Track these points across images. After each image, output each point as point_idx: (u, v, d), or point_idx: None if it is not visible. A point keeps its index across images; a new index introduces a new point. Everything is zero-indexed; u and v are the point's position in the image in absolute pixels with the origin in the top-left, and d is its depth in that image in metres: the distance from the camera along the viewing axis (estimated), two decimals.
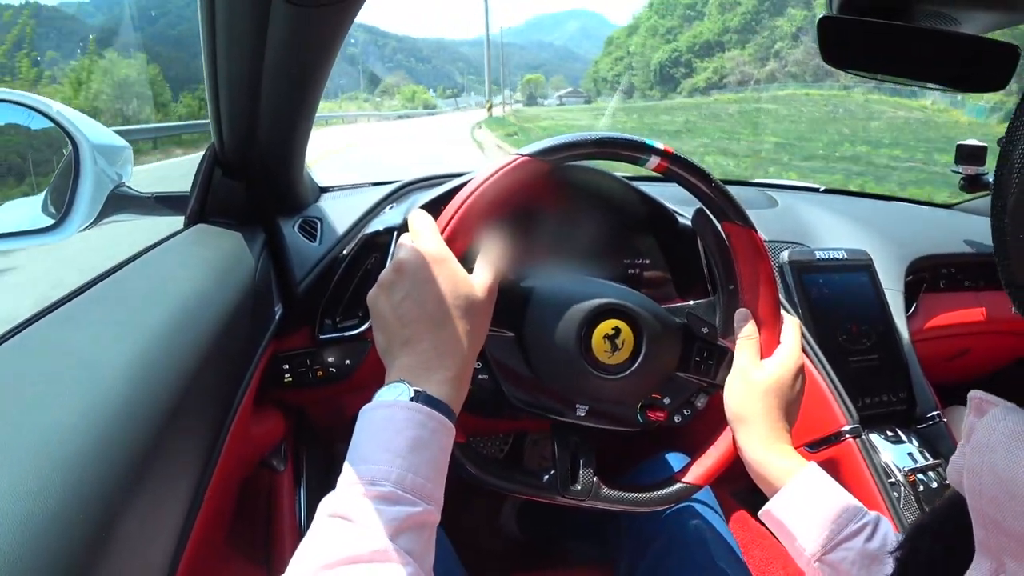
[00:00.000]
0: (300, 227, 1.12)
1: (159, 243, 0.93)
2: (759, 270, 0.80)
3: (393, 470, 0.55)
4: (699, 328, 0.83)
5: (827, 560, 0.68)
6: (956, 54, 0.73)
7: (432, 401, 0.60)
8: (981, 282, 1.52)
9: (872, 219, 1.52)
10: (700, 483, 0.82)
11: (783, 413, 0.77)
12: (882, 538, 0.67)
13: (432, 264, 0.65)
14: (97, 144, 0.95)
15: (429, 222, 0.69)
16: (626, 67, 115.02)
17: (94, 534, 0.44)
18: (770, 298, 0.81)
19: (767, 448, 0.75)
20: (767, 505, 0.74)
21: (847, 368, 1.20)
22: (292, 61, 0.80)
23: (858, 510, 0.69)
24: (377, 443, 0.57)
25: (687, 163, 0.77)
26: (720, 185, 0.79)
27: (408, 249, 0.66)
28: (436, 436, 0.59)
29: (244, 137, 0.94)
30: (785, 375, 0.77)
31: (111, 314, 0.69)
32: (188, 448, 0.66)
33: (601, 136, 0.74)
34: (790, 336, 0.81)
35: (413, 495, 0.55)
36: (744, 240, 0.80)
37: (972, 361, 1.58)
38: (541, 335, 0.77)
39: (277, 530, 1.10)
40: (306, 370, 1.07)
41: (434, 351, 0.63)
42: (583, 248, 1.09)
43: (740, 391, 0.78)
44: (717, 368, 0.83)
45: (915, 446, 1.12)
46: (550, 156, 0.73)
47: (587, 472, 0.80)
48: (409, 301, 0.64)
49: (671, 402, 0.84)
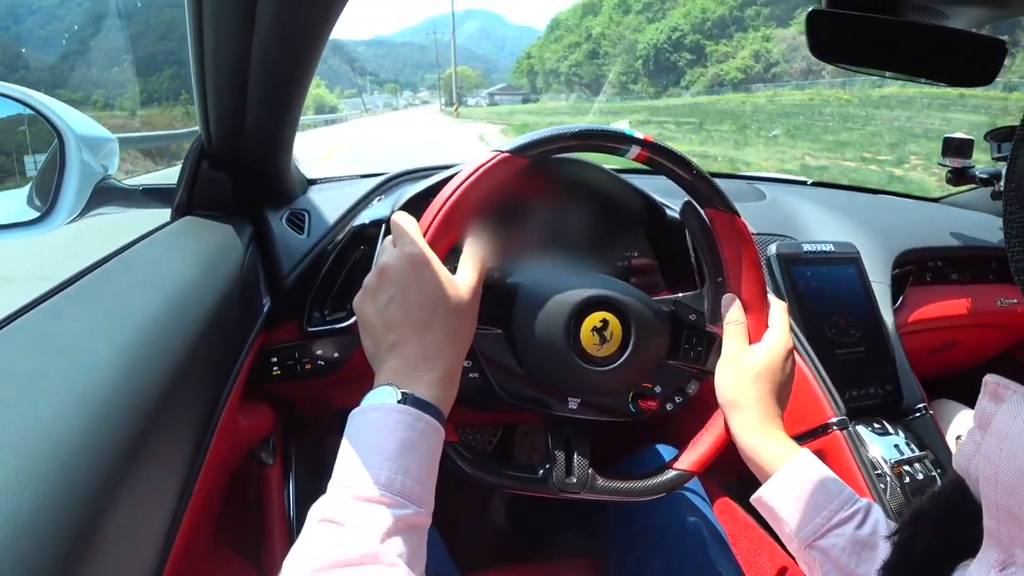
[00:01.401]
0: (288, 219, 1.11)
1: (146, 235, 0.92)
2: (744, 255, 0.80)
3: (382, 473, 0.55)
4: (687, 315, 0.83)
5: (817, 546, 0.68)
6: (944, 48, 0.74)
7: (420, 403, 0.61)
8: (967, 275, 1.53)
9: (860, 212, 1.53)
10: (694, 470, 0.82)
11: (774, 397, 0.77)
12: (873, 525, 0.67)
13: (415, 267, 0.65)
14: (82, 135, 0.94)
15: (411, 224, 0.69)
16: (587, 55, 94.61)
17: (81, 528, 0.44)
18: (756, 283, 0.81)
19: (760, 433, 0.76)
20: (759, 491, 0.75)
21: (834, 360, 1.20)
22: (279, 52, 0.79)
23: (849, 497, 0.70)
24: (366, 446, 0.57)
25: (668, 151, 0.77)
26: (701, 172, 0.78)
27: (391, 253, 0.66)
28: (425, 438, 0.60)
29: (231, 129, 0.94)
30: (775, 359, 0.78)
31: (98, 307, 0.68)
32: (176, 441, 0.66)
33: (580, 129, 0.74)
34: (778, 319, 0.81)
35: (402, 497, 0.55)
36: (728, 226, 0.80)
37: (958, 354, 1.59)
38: (529, 331, 0.77)
39: (266, 523, 1.10)
40: (295, 363, 1.07)
41: (421, 354, 0.64)
42: (572, 241, 1.09)
43: (731, 377, 0.78)
44: (707, 354, 0.83)
45: (901, 438, 1.12)
46: (529, 151, 0.72)
47: (582, 464, 0.80)
48: (394, 305, 0.64)
49: (662, 390, 0.84)
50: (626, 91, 78.06)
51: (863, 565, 0.65)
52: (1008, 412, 0.40)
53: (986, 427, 0.41)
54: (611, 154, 0.78)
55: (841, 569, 0.66)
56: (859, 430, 1.12)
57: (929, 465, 1.08)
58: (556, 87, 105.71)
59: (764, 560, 1.10)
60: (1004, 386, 0.42)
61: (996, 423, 0.40)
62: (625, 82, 79.64)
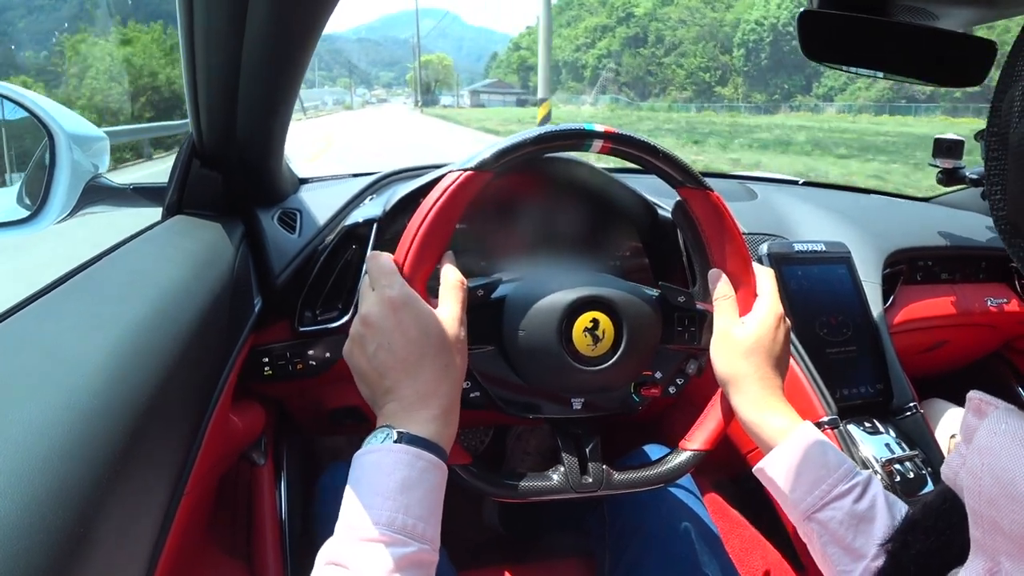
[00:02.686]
0: (279, 218, 1.11)
1: (137, 235, 0.92)
2: (723, 228, 0.80)
3: (384, 513, 0.56)
4: (675, 298, 0.82)
5: (816, 518, 0.69)
6: (934, 49, 0.74)
7: (418, 440, 0.61)
8: (958, 275, 1.54)
9: (851, 212, 1.53)
10: (706, 448, 0.82)
11: (772, 368, 0.77)
12: (871, 499, 0.68)
13: (397, 310, 0.65)
14: (73, 134, 0.94)
15: (387, 263, 0.68)
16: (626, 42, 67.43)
17: (72, 529, 0.44)
18: (739, 254, 0.81)
19: (760, 408, 0.76)
20: (760, 462, 0.75)
21: (825, 360, 1.21)
22: (270, 51, 0.79)
23: (849, 470, 0.70)
24: (367, 488, 0.58)
25: (630, 139, 0.77)
26: (669, 153, 0.78)
27: (371, 299, 0.67)
28: (425, 475, 0.60)
29: (223, 128, 0.94)
30: (767, 328, 0.77)
31: (88, 307, 0.68)
32: (167, 442, 0.65)
33: (539, 133, 0.74)
34: (766, 287, 0.81)
35: (404, 535, 0.56)
36: (702, 202, 0.79)
37: (949, 353, 1.60)
38: (522, 342, 0.77)
39: (258, 523, 1.10)
40: (286, 363, 1.07)
41: (416, 395, 0.64)
42: (564, 241, 1.09)
43: (725, 352, 0.78)
44: (700, 333, 0.83)
45: (892, 437, 1.13)
46: (492, 165, 0.72)
47: (595, 463, 0.79)
48: (382, 351, 0.64)
49: (662, 376, 0.84)
50: (704, 96, 52.40)
51: (860, 538, 0.66)
52: (989, 428, 0.41)
53: (970, 441, 0.42)
54: (575, 151, 0.78)
55: (839, 541, 0.67)
56: (850, 429, 1.12)
57: (919, 464, 1.09)
58: (572, 85, 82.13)
59: (756, 559, 1.11)
60: (987, 402, 0.43)
61: (978, 438, 0.41)
62: (705, 83, 53.94)
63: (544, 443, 1.72)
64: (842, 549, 0.67)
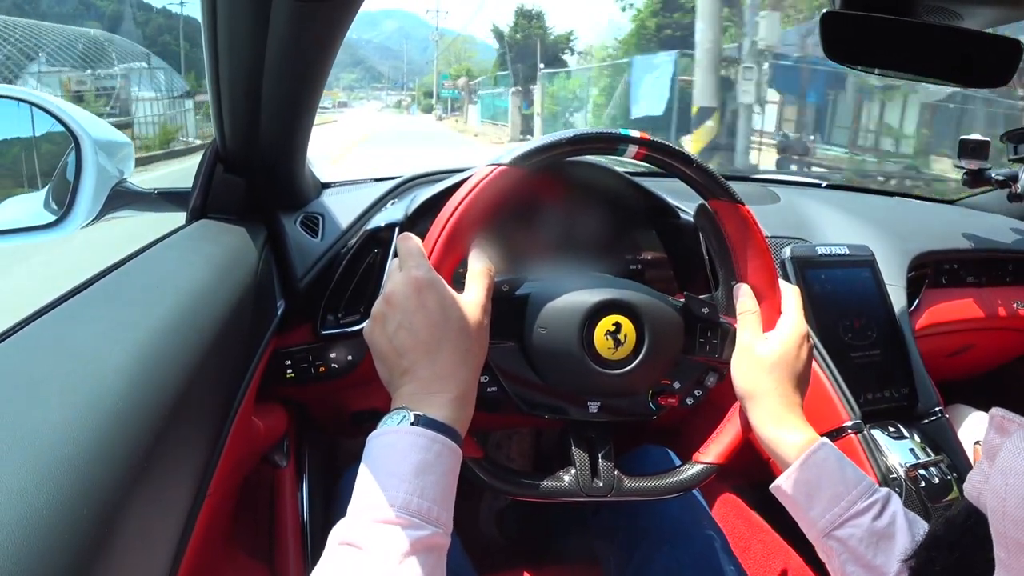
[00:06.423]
0: (302, 223, 1.12)
1: (161, 239, 0.93)
2: (750, 243, 0.79)
3: (399, 495, 0.56)
4: (699, 308, 0.82)
5: (835, 536, 0.68)
6: (959, 49, 0.73)
7: (434, 424, 0.61)
8: (984, 278, 1.51)
9: (874, 215, 1.51)
10: (720, 462, 0.81)
11: (792, 386, 0.76)
12: (891, 516, 0.67)
13: (421, 291, 0.65)
14: (98, 140, 0.95)
15: (415, 247, 0.69)
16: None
17: (96, 530, 0.44)
18: (766, 269, 0.80)
19: (778, 424, 0.75)
20: (778, 480, 0.74)
21: (849, 364, 1.19)
22: (293, 57, 0.80)
23: (868, 487, 0.69)
24: (382, 469, 0.58)
25: (665, 147, 0.77)
26: (702, 164, 0.78)
27: (396, 279, 0.67)
28: (441, 459, 0.60)
29: (246, 133, 0.95)
30: (790, 346, 0.77)
31: (113, 311, 0.69)
32: (191, 444, 0.66)
33: (575, 134, 0.74)
34: (791, 305, 0.80)
35: (419, 519, 0.56)
36: (732, 215, 0.79)
37: (974, 357, 1.57)
38: (543, 341, 0.77)
39: (280, 525, 1.11)
40: (308, 366, 1.07)
41: (434, 376, 0.64)
42: (585, 245, 1.09)
43: (747, 367, 0.78)
44: (723, 346, 0.82)
45: (916, 442, 1.11)
46: (526, 162, 0.72)
47: (607, 467, 0.79)
48: (403, 331, 0.64)
49: (681, 386, 0.83)
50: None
51: (880, 555, 0.65)
52: (1012, 448, 0.41)
53: (992, 459, 0.42)
54: (609, 155, 0.78)
55: (858, 559, 0.66)
56: (874, 434, 1.11)
57: (944, 469, 1.07)
58: None
59: (777, 564, 1.10)
60: (1010, 420, 0.42)
61: (1001, 458, 0.41)
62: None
63: (525, 450, 1.70)
64: (863, 567, 0.66)
